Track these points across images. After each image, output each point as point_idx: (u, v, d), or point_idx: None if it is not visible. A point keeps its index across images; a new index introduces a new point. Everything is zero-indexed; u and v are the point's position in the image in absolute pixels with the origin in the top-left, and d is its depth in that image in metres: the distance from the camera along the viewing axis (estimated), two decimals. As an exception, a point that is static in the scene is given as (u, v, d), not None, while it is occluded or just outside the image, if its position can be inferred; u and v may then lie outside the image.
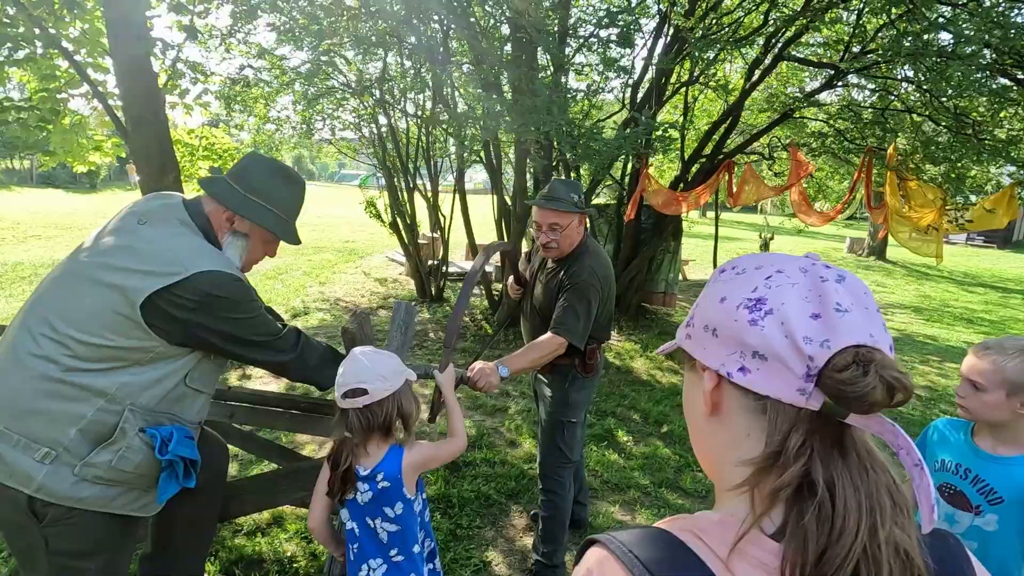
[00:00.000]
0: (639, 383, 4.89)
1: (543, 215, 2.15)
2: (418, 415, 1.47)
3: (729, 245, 16.27)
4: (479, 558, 2.45)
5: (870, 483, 0.48)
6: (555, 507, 2.30)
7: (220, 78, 6.35)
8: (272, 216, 1.49)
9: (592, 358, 2.24)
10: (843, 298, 0.51)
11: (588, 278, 2.10)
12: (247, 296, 1.40)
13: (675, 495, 3.07)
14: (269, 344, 1.45)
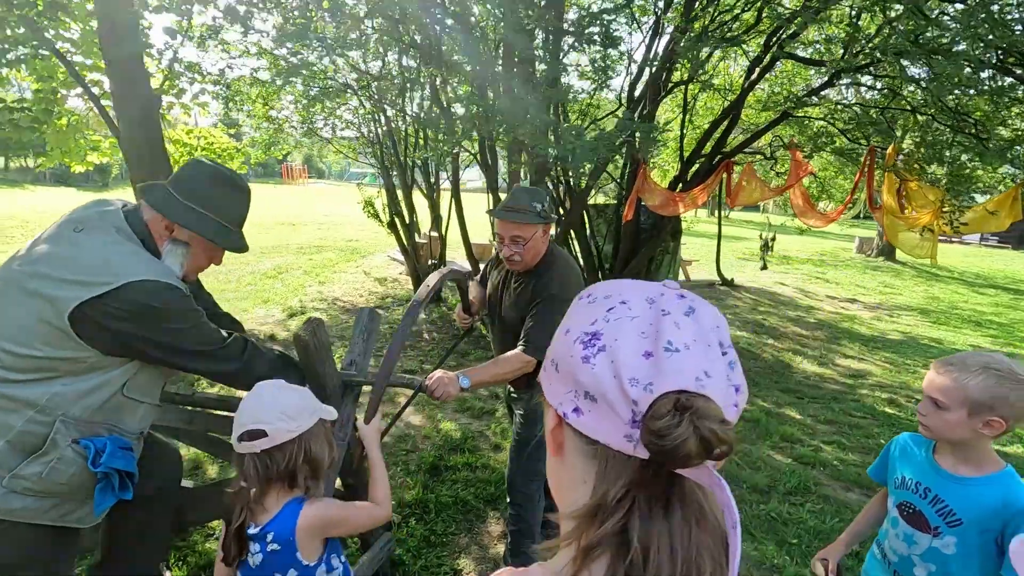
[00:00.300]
0: (632, 386, 4.84)
1: (504, 227, 2.04)
2: (333, 462, 1.28)
3: (734, 245, 16.13)
4: (450, 565, 2.42)
5: (691, 545, 0.44)
6: (523, 521, 2.26)
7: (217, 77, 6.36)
8: (213, 224, 1.45)
9: None
10: (681, 335, 0.47)
11: (560, 292, 2.01)
12: (184, 306, 1.37)
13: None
14: (211, 354, 1.43)
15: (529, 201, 2.04)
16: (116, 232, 1.36)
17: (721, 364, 0.46)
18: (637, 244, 6.77)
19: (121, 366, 1.34)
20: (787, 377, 5.43)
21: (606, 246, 7.33)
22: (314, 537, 1.25)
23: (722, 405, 0.45)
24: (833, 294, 10.35)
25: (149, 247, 1.40)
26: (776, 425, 4.13)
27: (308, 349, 1.65)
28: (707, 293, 9.38)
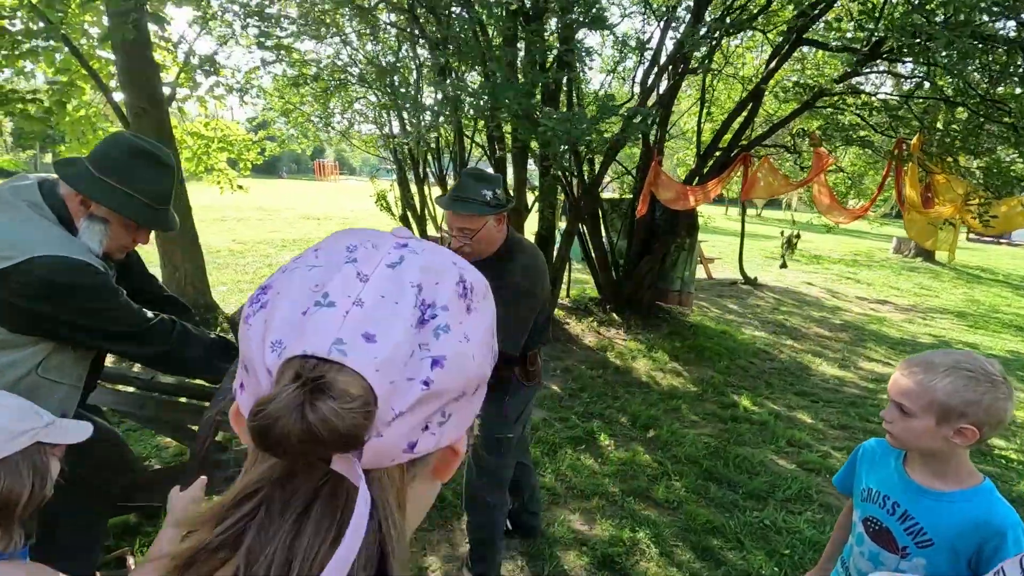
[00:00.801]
0: (636, 384, 4.69)
1: (451, 219, 1.90)
2: (33, 503, 0.92)
3: (761, 243, 15.65)
4: (416, 562, 2.35)
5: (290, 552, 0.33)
6: (482, 529, 2.14)
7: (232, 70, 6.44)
8: (131, 201, 1.40)
9: (534, 363, 2.07)
10: (351, 288, 0.36)
11: (521, 281, 1.89)
12: (97, 283, 1.33)
13: (643, 505, 2.88)
14: (131, 336, 1.38)
15: (478, 190, 1.86)
16: (28, 208, 1.32)
17: (402, 327, 0.36)
18: (652, 240, 6.59)
19: (35, 344, 1.30)
20: (803, 379, 5.19)
21: (620, 241, 7.16)
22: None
23: (387, 380, 0.34)
24: (864, 295, 9.92)
25: (66, 223, 1.36)
26: (784, 429, 3.93)
27: (245, 333, 1.59)
28: (729, 292, 9.10)
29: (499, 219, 1.93)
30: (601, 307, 6.84)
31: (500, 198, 1.91)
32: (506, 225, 2.01)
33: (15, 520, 0.90)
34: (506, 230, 2.01)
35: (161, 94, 4.81)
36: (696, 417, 4.11)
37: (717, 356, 5.50)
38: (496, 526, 2.13)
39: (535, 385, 2.11)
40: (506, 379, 2.04)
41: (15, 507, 0.89)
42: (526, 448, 2.50)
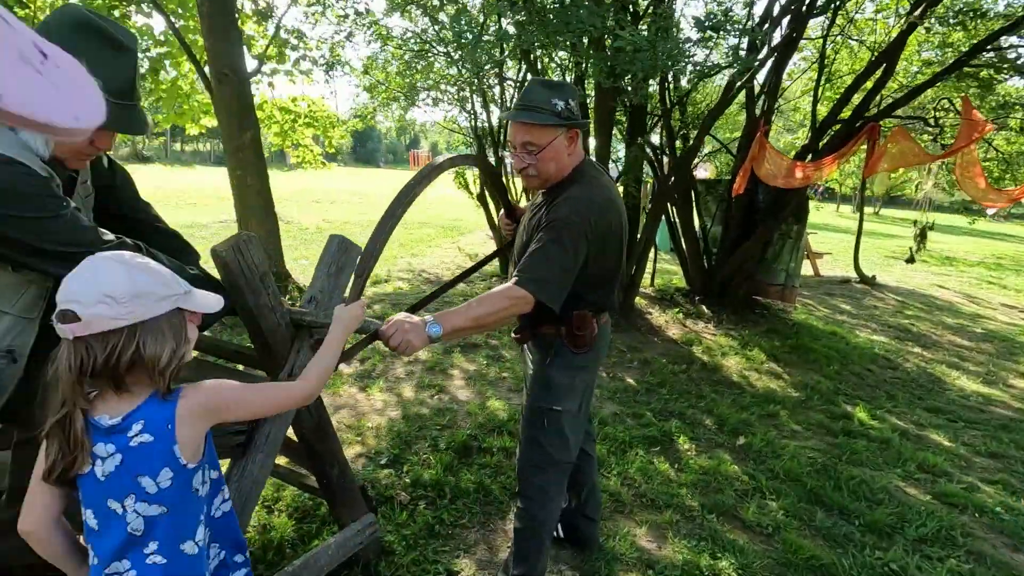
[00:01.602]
0: (725, 384, 4.08)
1: (515, 131, 1.61)
2: (176, 362, 0.96)
3: (880, 242, 13.92)
4: (446, 564, 2.01)
5: None
6: (530, 518, 1.78)
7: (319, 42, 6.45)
8: None
9: (583, 328, 1.66)
10: None
11: (568, 214, 1.55)
12: (36, 189, 1.07)
13: (728, 526, 2.36)
14: (69, 257, 1.11)
15: (548, 98, 1.56)
16: None
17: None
18: (751, 225, 5.83)
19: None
20: (936, 394, 4.31)
21: (714, 228, 6.45)
22: (200, 425, 0.99)
23: None
24: (1011, 303, 8.41)
25: None
26: (912, 451, 3.20)
27: (230, 271, 1.30)
28: (840, 291, 8.02)
29: (571, 137, 1.62)
30: (689, 298, 6.19)
31: (573, 111, 1.59)
32: (579, 148, 1.67)
33: (155, 376, 0.95)
34: (580, 154, 1.68)
35: (243, 62, 4.82)
36: (798, 427, 3.46)
37: (826, 359, 4.73)
38: (545, 517, 1.77)
39: (586, 354, 1.71)
40: (548, 339, 1.72)
41: (155, 365, 0.94)
42: (591, 434, 2.09)
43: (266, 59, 5.97)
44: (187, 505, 0.99)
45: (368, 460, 2.70)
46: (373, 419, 3.14)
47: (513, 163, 1.67)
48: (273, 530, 2.09)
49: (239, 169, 4.79)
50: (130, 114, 1.20)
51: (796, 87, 8.59)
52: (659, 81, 5.32)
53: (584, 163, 1.69)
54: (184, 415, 0.96)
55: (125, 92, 1.18)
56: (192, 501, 1.00)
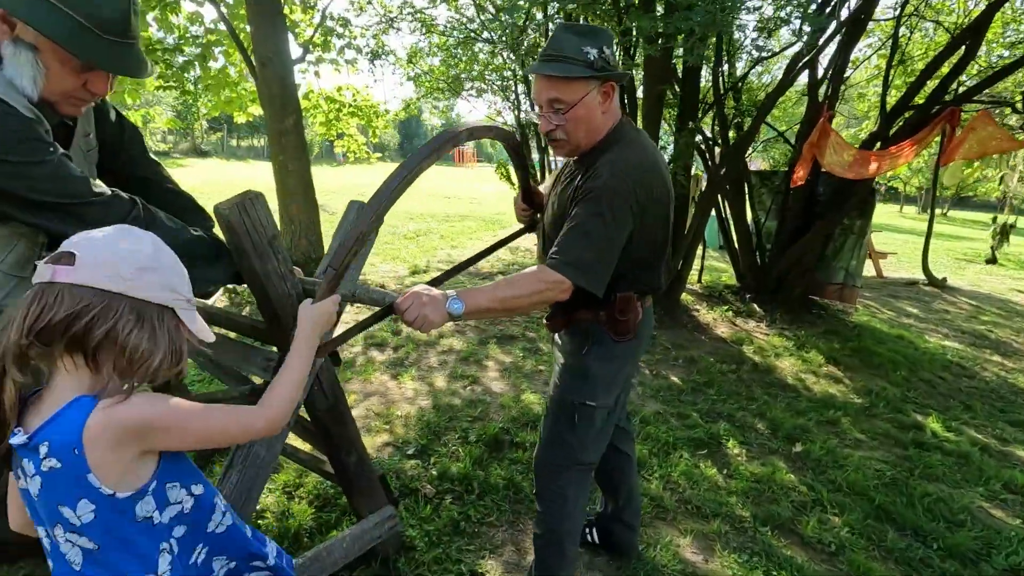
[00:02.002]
0: (780, 387, 3.79)
1: (539, 87, 1.40)
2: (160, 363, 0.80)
3: (952, 244, 12.98)
4: (470, 565, 1.86)
5: None
6: (548, 525, 1.59)
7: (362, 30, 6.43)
8: (63, 20, 1.01)
9: (626, 312, 1.46)
10: None
11: (609, 180, 1.33)
12: (20, 132, 0.98)
13: (784, 541, 2.12)
14: (64, 209, 1.03)
15: (578, 46, 1.32)
16: None
17: None
18: (809, 219, 5.45)
19: None
20: (1019, 406, 3.88)
21: (769, 222, 6.08)
22: (122, 452, 0.76)
23: None
24: (1105, 311, 7.61)
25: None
26: (996, 468, 2.85)
27: (235, 232, 1.18)
28: (906, 293, 7.47)
29: (606, 92, 1.38)
30: (739, 296, 5.85)
31: (609, 61, 1.35)
32: (616, 105, 1.43)
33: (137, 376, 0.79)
34: (616, 113, 1.44)
35: (287, 48, 4.82)
36: (862, 436, 3.15)
37: (892, 364, 4.34)
38: (566, 524, 1.58)
39: (629, 342, 1.51)
40: (586, 326, 1.52)
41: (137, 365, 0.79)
42: (628, 432, 1.89)
43: (312, 47, 5.99)
44: (128, 539, 0.80)
45: (395, 450, 2.58)
46: (403, 408, 3.03)
47: (540, 126, 1.44)
48: (291, 517, 1.99)
49: (280, 154, 4.79)
50: (123, 52, 1.10)
51: (860, 75, 8.05)
52: (712, 65, 5.02)
53: (622, 122, 1.46)
54: (95, 436, 0.74)
55: (119, 27, 1.08)
56: (139, 533, 0.81)
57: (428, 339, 4.13)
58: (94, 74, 1.10)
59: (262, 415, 0.91)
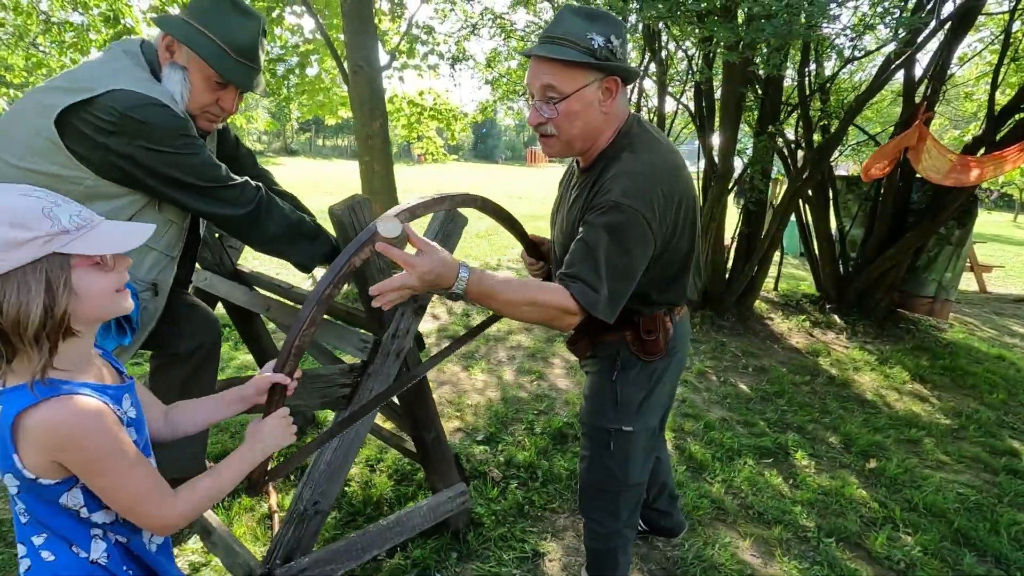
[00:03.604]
0: (857, 401, 3.65)
1: (532, 71, 1.23)
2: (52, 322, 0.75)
3: (1075, 258, 11.67)
4: (533, 544, 1.99)
5: None
6: (599, 542, 1.60)
7: (446, 37, 6.71)
8: (209, 44, 1.30)
9: (654, 331, 1.37)
10: None
11: (623, 198, 1.17)
12: (175, 127, 1.23)
13: (849, 554, 2.09)
14: (209, 192, 1.28)
15: (583, 29, 1.16)
16: (124, 55, 1.32)
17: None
18: (901, 228, 5.15)
19: (120, 198, 1.26)
20: None
21: (854, 230, 5.79)
22: (43, 458, 0.76)
23: None
24: None
25: (156, 74, 1.32)
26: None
27: (344, 228, 1.38)
28: (1013, 311, 6.85)
29: (608, 87, 1.22)
30: (818, 306, 5.62)
31: (616, 52, 1.19)
32: (619, 106, 1.27)
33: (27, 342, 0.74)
34: (621, 117, 1.29)
35: (377, 55, 5.15)
36: (947, 458, 2.99)
37: (988, 386, 4.05)
38: (616, 541, 1.58)
39: (659, 360, 1.41)
40: (612, 349, 1.42)
41: (21, 329, 0.73)
42: (662, 438, 1.89)
43: (398, 53, 6.34)
44: (52, 521, 0.81)
45: (465, 435, 2.76)
46: (473, 397, 3.21)
47: (529, 119, 1.27)
48: (373, 487, 2.20)
49: (367, 155, 5.13)
50: (252, 72, 1.37)
51: (970, 72, 7.45)
52: (798, 66, 4.86)
53: (629, 122, 1.30)
54: (27, 431, 0.74)
55: (249, 52, 1.35)
56: (65, 519, 0.81)
57: (498, 334, 4.31)
58: (226, 92, 1.38)
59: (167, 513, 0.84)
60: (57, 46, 6.04)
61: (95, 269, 0.79)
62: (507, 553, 1.93)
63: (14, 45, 6.36)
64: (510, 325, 4.51)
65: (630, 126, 1.30)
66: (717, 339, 4.55)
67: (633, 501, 1.55)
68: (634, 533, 1.63)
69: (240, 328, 2.29)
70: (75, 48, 5.86)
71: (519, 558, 1.92)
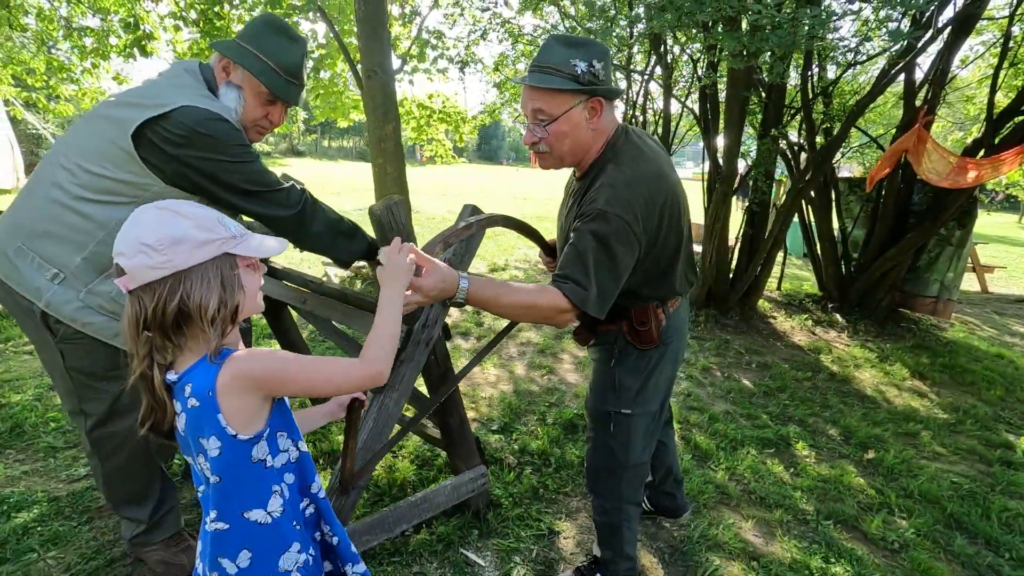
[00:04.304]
0: (856, 396, 3.76)
1: (524, 97, 1.39)
2: (226, 312, 0.91)
3: (1079, 259, 11.71)
4: (548, 523, 2.12)
5: None
6: (607, 516, 1.73)
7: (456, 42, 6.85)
8: (261, 64, 1.46)
9: (646, 322, 1.50)
10: None
11: (608, 207, 1.30)
12: (234, 139, 1.38)
13: (846, 535, 2.22)
14: (261, 195, 1.42)
15: (566, 57, 1.30)
16: (185, 73, 1.47)
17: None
18: (902, 229, 5.26)
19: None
20: None
21: (856, 231, 5.90)
22: (247, 397, 0.91)
23: None
24: None
25: (213, 91, 1.48)
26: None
27: (383, 226, 1.52)
28: (1015, 311, 6.94)
29: (593, 107, 1.36)
30: (820, 305, 5.73)
31: (598, 75, 1.32)
32: (606, 122, 1.41)
33: (206, 327, 0.90)
34: (608, 131, 1.43)
35: (390, 60, 5.29)
36: (943, 450, 3.11)
37: (986, 383, 4.16)
38: (623, 516, 1.71)
39: (653, 349, 1.54)
40: (611, 338, 1.57)
41: (202, 316, 0.89)
42: (667, 422, 2.05)
43: (409, 58, 6.48)
44: (244, 478, 0.94)
45: (480, 425, 2.89)
46: (486, 390, 3.34)
47: (524, 138, 1.43)
48: (397, 471, 2.34)
49: (380, 157, 5.27)
50: (295, 88, 1.54)
51: (973, 75, 7.55)
52: (801, 70, 4.98)
53: (617, 134, 1.43)
54: (225, 383, 0.89)
55: (296, 72, 1.51)
56: (253, 473, 0.95)
57: (508, 331, 4.44)
58: (275, 107, 1.53)
59: (362, 368, 0.99)
60: (78, 51, 6.21)
61: (250, 270, 0.96)
62: (524, 531, 2.06)
63: (36, 50, 6.53)
64: (520, 324, 4.64)
65: (617, 138, 1.43)
66: (721, 336, 4.67)
67: (635, 480, 1.68)
68: (638, 510, 1.76)
69: (270, 320, 2.43)
70: (96, 53, 6.03)
71: (536, 535, 2.06)
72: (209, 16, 5.79)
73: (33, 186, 1.41)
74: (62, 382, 1.47)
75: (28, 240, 1.36)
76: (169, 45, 6.06)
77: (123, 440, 1.50)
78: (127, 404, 1.48)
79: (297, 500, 1.02)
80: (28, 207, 1.39)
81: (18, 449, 2.36)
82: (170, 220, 0.88)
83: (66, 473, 2.20)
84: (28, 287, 1.36)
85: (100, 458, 1.51)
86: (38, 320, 1.38)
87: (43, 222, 1.36)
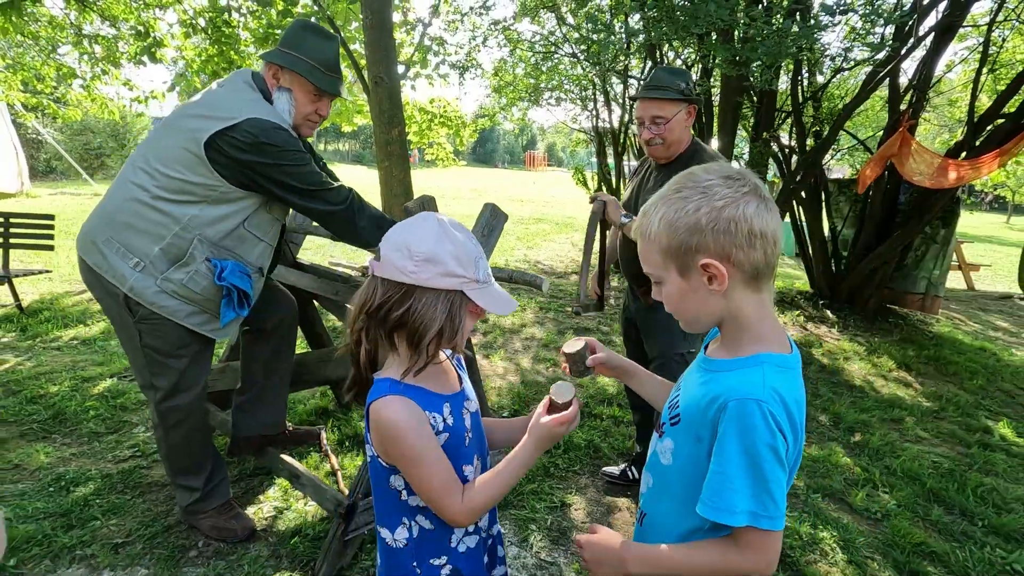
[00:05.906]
0: (845, 386, 3.97)
1: (644, 107, 1.97)
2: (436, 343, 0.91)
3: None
4: (561, 498, 2.30)
5: None
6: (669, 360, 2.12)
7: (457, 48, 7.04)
8: (303, 63, 1.64)
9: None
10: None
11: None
12: (292, 145, 1.56)
13: (833, 506, 2.41)
14: (316, 194, 1.60)
15: (672, 80, 1.95)
16: (243, 84, 1.65)
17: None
18: (889, 228, 5.48)
19: (243, 200, 1.58)
20: (1106, 420, 3.83)
21: (845, 230, 6.12)
22: (375, 439, 0.92)
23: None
24: None
25: (267, 98, 1.65)
26: (1063, 469, 2.94)
27: (416, 223, 1.70)
28: (998, 307, 7.18)
29: (689, 112, 1.96)
30: (812, 302, 5.94)
31: (691, 91, 1.96)
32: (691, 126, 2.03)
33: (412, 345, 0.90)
34: (692, 131, 2.04)
35: (396, 68, 5.47)
36: (925, 434, 3.31)
37: (968, 373, 4.37)
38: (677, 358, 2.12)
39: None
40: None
41: (417, 335, 0.89)
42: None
43: (411, 64, 6.66)
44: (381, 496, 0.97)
45: (493, 412, 3.07)
46: (496, 381, 3.52)
47: (642, 135, 2.00)
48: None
49: (386, 161, 5.45)
50: (337, 81, 1.73)
51: (958, 79, 7.80)
52: (791, 75, 5.20)
53: (695, 139, 2.03)
54: (373, 419, 0.90)
55: (335, 66, 1.71)
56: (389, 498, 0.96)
57: (512, 326, 4.62)
58: (322, 101, 1.71)
59: (461, 510, 0.91)
60: (88, 58, 6.35)
61: (472, 316, 0.95)
62: (539, 503, 2.24)
63: (46, 56, 6.67)
64: (523, 319, 4.82)
65: (696, 141, 2.04)
66: (717, 331, 4.87)
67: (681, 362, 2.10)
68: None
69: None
70: (107, 60, 6.18)
71: (549, 507, 2.24)
72: (217, 24, 5.96)
73: (117, 186, 1.60)
74: (137, 358, 1.64)
75: (116, 232, 1.55)
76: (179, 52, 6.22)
77: (186, 414, 1.67)
78: (190, 380, 1.66)
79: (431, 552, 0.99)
80: (114, 205, 1.58)
81: (63, 434, 2.52)
82: (440, 239, 0.89)
83: (112, 455, 2.37)
84: (115, 274, 1.54)
85: (164, 428, 1.68)
86: (121, 302, 1.56)
87: (127, 217, 1.54)
